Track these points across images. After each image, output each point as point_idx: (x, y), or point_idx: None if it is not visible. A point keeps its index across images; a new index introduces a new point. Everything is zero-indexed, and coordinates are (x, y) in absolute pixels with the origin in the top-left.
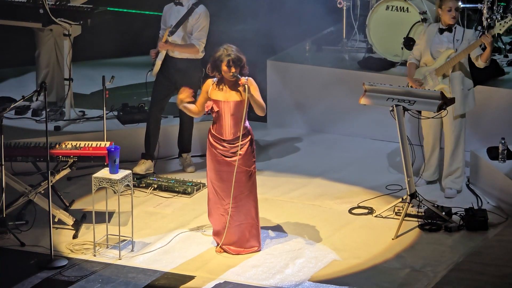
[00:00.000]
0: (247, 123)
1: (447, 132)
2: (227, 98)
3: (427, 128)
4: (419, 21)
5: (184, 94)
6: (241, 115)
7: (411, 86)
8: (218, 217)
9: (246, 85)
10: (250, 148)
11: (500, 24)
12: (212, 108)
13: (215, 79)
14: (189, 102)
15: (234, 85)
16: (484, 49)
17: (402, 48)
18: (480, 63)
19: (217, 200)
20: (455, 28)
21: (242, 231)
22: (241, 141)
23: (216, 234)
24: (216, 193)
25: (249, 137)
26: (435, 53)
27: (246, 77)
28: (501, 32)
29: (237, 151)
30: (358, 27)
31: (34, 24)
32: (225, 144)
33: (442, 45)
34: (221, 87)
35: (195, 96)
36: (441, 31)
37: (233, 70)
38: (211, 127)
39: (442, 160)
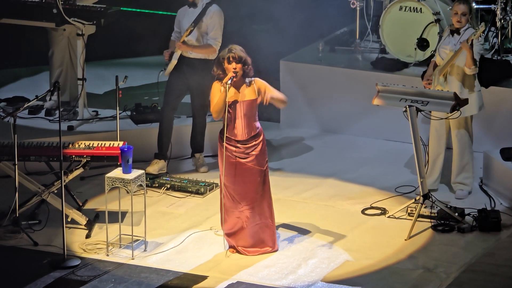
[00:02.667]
0: (258, 123)
1: (453, 134)
2: (239, 98)
3: (432, 131)
4: (432, 22)
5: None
6: (253, 114)
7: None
8: (233, 221)
9: (226, 85)
10: (262, 148)
11: (476, 29)
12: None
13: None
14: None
15: (242, 85)
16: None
17: (415, 48)
18: (465, 69)
19: (233, 204)
20: (465, 30)
21: (257, 232)
22: (254, 141)
23: (230, 235)
24: (232, 197)
25: (261, 136)
26: (442, 54)
27: (252, 78)
28: (475, 38)
29: (251, 151)
30: (371, 28)
31: (48, 24)
32: (239, 145)
33: (447, 47)
34: (231, 88)
35: (206, 97)
36: (452, 32)
37: (233, 65)
38: (221, 130)
39: (446, 166)
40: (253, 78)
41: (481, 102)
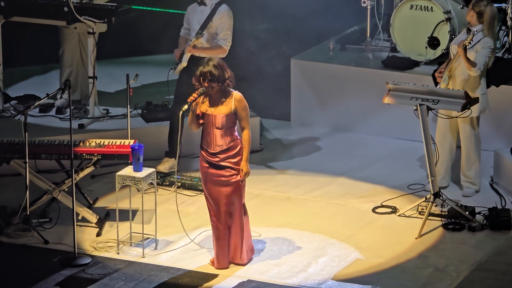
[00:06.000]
0: (234, 137)
1: (460, 133)
2: (212, 111)
3: (439, 127)
4: (443, 20)
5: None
6: (227, 127)
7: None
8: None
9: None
10: (236, 161)
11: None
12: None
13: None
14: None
15: (219, 98)
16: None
17: (426, 47)
18: (469, 71)
19: (209, 207)
20: (478, 32)
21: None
22: (228, 153)
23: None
24: (208, 201)
25: (237, 149)
26: (453, 49)
27: (232, 91)
28: (466, 43)
29: (223, 162)
30: (382, 26)
31: (59, 22)
32: (212, 159)
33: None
34: (205, 99)
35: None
36: (468, 30)
37: (204, 83)
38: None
39: (454, 164)
40: (232, 92)
41: (483, 105)
